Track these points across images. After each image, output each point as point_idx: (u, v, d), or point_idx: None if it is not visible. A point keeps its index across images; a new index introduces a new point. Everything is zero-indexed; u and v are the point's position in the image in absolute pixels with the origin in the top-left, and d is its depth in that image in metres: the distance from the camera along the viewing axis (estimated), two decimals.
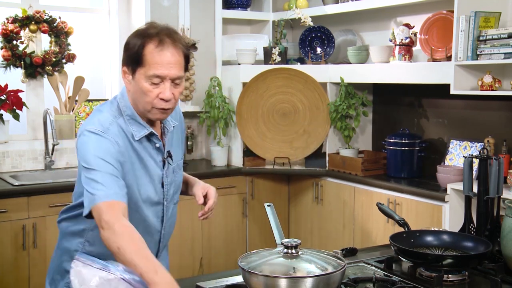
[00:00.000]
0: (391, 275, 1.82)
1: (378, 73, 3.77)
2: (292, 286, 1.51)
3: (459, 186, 3.10)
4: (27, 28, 3.88)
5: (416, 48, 3.68)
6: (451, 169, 3.40)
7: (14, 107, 3.80)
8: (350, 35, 4.30)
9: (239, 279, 1.72)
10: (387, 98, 4.17)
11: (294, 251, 1.64)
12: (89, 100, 4.22)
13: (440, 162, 3.67)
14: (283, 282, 1.51)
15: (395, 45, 3.65)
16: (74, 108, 4.12)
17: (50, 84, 4.00)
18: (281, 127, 4.26)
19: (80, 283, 1.59)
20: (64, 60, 4.01)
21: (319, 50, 4.33)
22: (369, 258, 1.99)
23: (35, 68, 3.90)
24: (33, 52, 3.90)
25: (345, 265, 1.61)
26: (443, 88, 3.35)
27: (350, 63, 4.02)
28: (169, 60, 1.73)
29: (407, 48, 3.63)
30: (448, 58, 3.37)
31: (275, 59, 4.19)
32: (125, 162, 1.77)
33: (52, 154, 3.94)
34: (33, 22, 3.88)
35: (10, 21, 3.82)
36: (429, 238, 1.98)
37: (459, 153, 3.55)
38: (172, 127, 1.93)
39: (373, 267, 1.91)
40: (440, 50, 3.48)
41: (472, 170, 2.14)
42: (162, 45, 1.73)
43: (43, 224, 3.41)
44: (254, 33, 4.74)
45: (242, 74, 4.22)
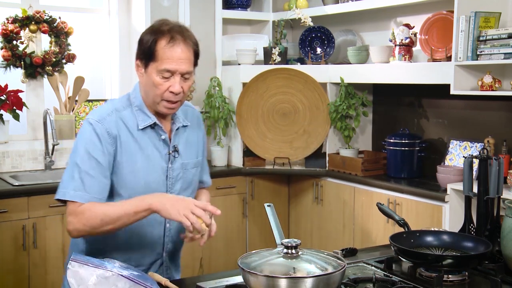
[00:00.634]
0: (391, 275, 1.82)
1: (378, 73, 3.77)
2: (292, 286, 1.51)
3: (459, 186, 3.10)
4: (27, 28, 3.87)
5: (416, 48, 3.68)
6: (451, 169, 3.40)
7: (14, 107, 3.79)
8: (350, 35, 4.30)
9: (239, 279, 1.73)
10: (387, 98, 4.17)
11: (294, 251, 1.63)
12: (89, 100, 4.21)
13: (440, 162, 3.67)
14: (283, 282, 1.51)
15: (395, 45, 3.65)
16: (74, 108, 4.12)
17: (50, 84, 4.00)
18: (281, 127, 4.25)
19: (78, 283, 1.59)
20: (64, 60, 4.01)
21: (319, 50, 4.33)
22: (369, 258, 1.99)
23: (35, 68, 3.89)
24: (33, 52, 3.90)
25: (345, 265, 1.61)
26: (443, 88, 3.35)
27: (350, 63, 4.02)
28: (179, 55, 1.85)
29: (407, 48, 3.62)
30: (448, 58, 3.37)
31: (275, 59, 4.18)
32: (120, 151, 1.88)
33: (52, 154, 3.94)
34: (33, 22, 3.87)
35: (10, 21, 3.82)
36: (429, 238, 1.98)
37: (459, 153, 3.55)
38: (183, 126, 2.01)
39: (373, 267, 1.91)
40: (440, 50, 3.48)
41: (472, 170, 2.14)
42: (173, 41, 1.84)
43: (43, 224, 3.41)
44: (254, 33, 4.73)
45: (242, 74, 4.22)
